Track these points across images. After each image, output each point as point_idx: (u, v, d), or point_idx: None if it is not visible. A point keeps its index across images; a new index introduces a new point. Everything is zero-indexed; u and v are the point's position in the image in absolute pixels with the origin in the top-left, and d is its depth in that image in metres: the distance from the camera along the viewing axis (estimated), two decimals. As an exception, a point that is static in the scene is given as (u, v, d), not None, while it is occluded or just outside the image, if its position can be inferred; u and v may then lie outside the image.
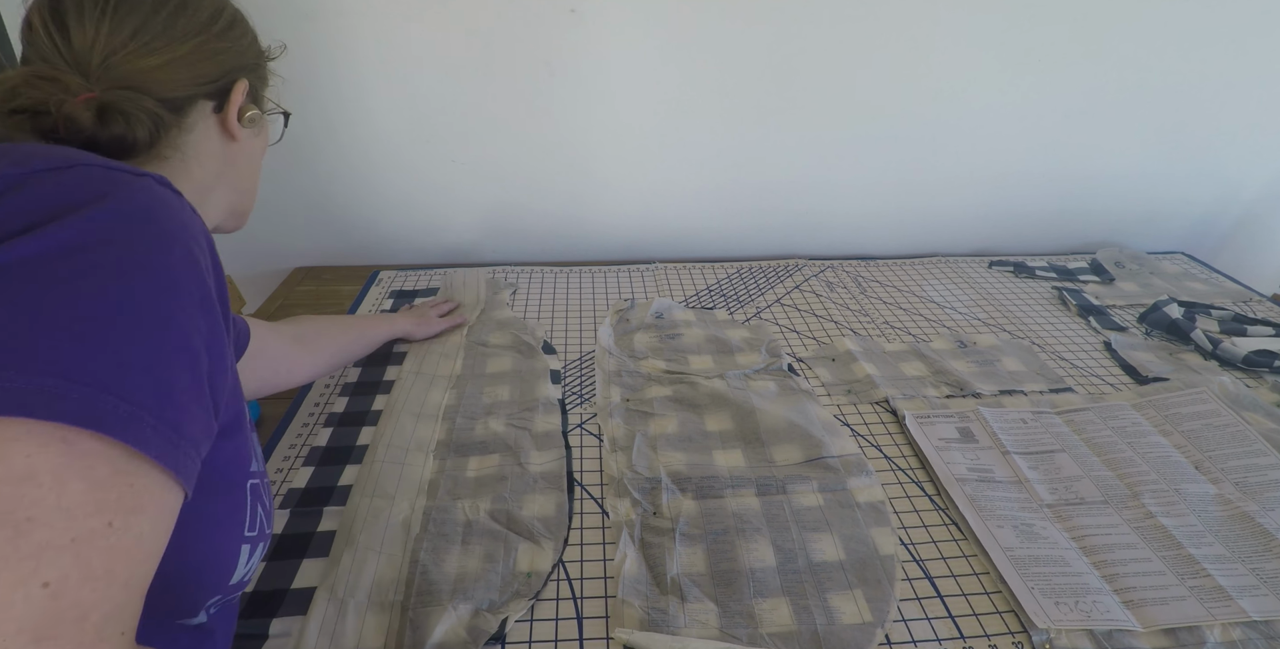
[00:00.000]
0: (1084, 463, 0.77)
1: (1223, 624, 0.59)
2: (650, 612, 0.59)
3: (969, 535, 0.68)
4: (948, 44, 1.12)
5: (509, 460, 0.75)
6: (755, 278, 1.20)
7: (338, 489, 0.72)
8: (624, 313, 1.07)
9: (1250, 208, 1.35)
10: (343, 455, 0.77)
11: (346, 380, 0.90)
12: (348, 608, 0.58)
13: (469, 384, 0.88)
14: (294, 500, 0.70)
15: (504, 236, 1.27)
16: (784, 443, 0.79)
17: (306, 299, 1.13)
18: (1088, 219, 1.34)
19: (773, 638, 0.57)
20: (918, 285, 1.18)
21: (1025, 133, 1.22)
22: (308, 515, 0.68)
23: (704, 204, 1.26)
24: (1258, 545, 0.66)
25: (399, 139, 1.15)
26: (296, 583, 0.61)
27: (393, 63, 1.08)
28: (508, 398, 0.86)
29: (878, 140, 1.21)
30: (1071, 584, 0.62)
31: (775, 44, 1.10)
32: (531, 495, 0.71)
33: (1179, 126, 1.23)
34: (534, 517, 0.68)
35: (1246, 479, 0.74)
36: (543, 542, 0.66)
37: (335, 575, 0.61)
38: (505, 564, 0.63)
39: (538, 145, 1.17)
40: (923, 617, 0.60)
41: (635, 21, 1.07)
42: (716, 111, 1.16)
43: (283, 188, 1.19)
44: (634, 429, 0.81)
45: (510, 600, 0.60)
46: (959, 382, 0.91)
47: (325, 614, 0.57)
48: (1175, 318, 1.03)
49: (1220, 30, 1.14)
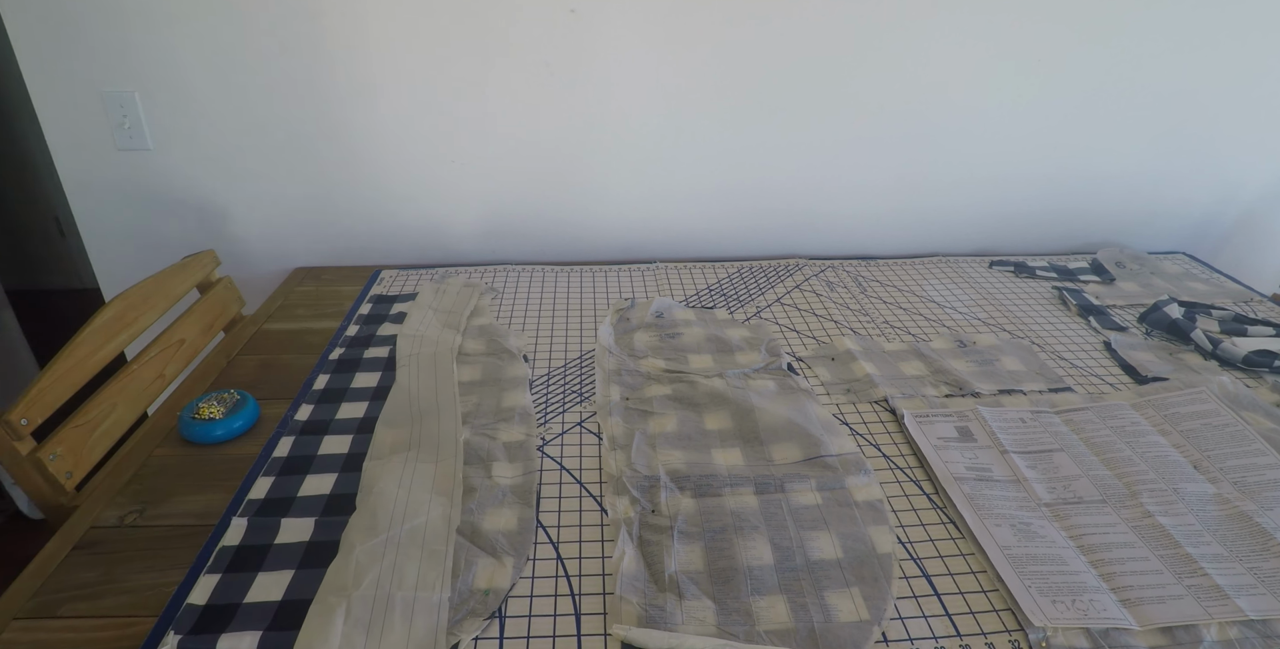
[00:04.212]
0: (1082, 462, 0.77)
1: (1220, 623, 0.59)
2: (648, 609, 0.59)
3: (966, 534, 0.68)
4: (948, 44, 1.12)
5: (478, 471, 0.74)
6: (755, 277, 1.20)
7: (298, 500, 0.70)
8: (624, 312, 1.07)
9: (1250, 208, 1.35)
10: (304, 465, 0.75)
11: (314, 387, 0.88)
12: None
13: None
14: (252, 510, 0.69)
15: (504, 236, 1.27)
16: (783, 442, 0.79)
17: (306, 299, 1.13)
18: (1088, 219, 1.34)
19: (770, 635, 0.58)
20: (918, 285, 1.18)
21: (1026, 133, 1.22)
22: (265, 528, 0.67)
23: (704, 204, 1.26)
24: (1255, 545, 0.66)
25: (399, 139, 1.16)
26: (250, 597, 0.60)
27: (392, 63, 1.09)
28: (477, 407, 0.84)
29: (878, 140, 1.21)
30: (1069, 583, 0.62)
31: (775, 44, 1.10)
32: (498, 509, 0.70)
33: (1179, 126, 1.23)
34: (498, 531, 0.67)
35: (1245, 479, 0.74)
36: (504, 558, 0.64)
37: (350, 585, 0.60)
38: (463, 580, 0.61)
39: (538, 145, 1.18)
40: (920, 615, 0.60)
41: (635, 21, 1.07)
42: (717, 111, 1.16)
43: (283, 188, 1.19)
44: (633, 427, 0.81)
45: (465, 619, 0.58)
46: (958, 381, 0.91)
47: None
48: (1175, 318, 1.03)
49: (1220, 30, 1.14)
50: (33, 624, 0.59)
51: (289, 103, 1.11)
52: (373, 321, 1.04)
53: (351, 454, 0.77)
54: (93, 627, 0.58)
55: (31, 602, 0.61)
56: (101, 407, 0.81)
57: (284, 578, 0.62)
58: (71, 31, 1.03)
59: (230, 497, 0.71)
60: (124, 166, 1.15)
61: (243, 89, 1.09)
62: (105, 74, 1.07)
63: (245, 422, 0.81)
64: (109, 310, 0.86)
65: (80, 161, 1.14)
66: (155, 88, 1.09)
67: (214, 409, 0.80)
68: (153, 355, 0.90)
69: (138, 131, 1.11)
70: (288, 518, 0.68)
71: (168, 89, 1.09)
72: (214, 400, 0.82)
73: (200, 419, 0.79)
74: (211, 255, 1.08)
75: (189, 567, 0.63)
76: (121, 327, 0.87)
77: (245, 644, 0.56)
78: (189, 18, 1.03)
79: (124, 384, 0.85)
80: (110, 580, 0.63)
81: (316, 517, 0.68)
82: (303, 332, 1.03)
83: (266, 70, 1.08)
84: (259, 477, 0.73)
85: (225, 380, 0.92)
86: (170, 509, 0.71)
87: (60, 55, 1.05)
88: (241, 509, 0.69)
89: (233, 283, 1.11)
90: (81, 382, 0.80)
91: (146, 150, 1.13)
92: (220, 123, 1.12)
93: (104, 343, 0.84)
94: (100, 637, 0.58)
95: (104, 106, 1.09)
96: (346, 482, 0.73)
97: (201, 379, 0.93)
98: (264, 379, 0.92)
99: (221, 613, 0.58)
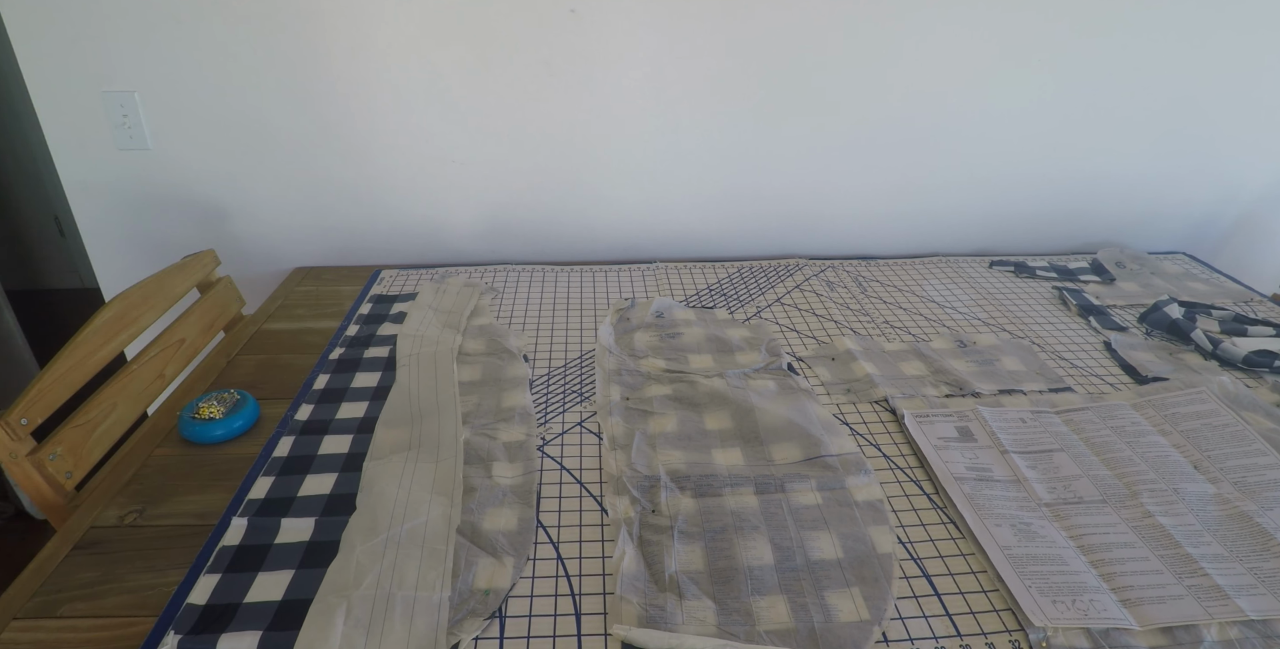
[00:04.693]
0: (1083, 462, 0.77)
1: (1220, 623, 0.59)
2: (648, 609, 0.59)
3: (967, 534, 0.68)
4: (949, 45, 1.12)
5: (478, 471, 0.74)
6: (755, 277, 1.20)
7: (298, 500, 0.70)
8: (624, 312, 1.07)
9: (1250, 208, 1.35)
10: (304, 465, 0.75)
11: (314, 387, 0.88)
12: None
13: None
14: (252, 510, 0.69)
15: (504, 236, 1.27)
16: (783, 441, 0.79)
17: (306, 299, 1.13)
18: (1088, 219, 1.34)
19: (770, 635, 0.58)
20: (918, 285, 1.18)
21: (1026, 133, 1.22)
22: (265, 528, 0.67)
23: (704, 203, 1.26)
24: (1256, 545, 0.66)
25: (399, 139, 1.16)
26: (250, 597, 0.60)
27: (393, 63, 1.09)
28: (477, 407, 0.85)
29: (879, 140, 1.21)
30: (1069, 583, 0.62)
31: (776, 44, 1.10)
32: (498, 509, 0.70)
33: (1179, 127, 1.23)
34: (498, 531, 0.67)
35: (1245, 479, 0.74)
36: (504, 558, 0.64)
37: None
38: (463, 580, 0.62)
39: (538, 145, 1.18)
40: (920, 615, 0.60)
41: (635, 21, 1.07)
42: (717, 111, 1.16)
43: (283, 188, 1.19)
44: (633, 427, 0.81)
45: (465, 619, 0.58)
46: (958, 381, 0.91)
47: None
48: (1175, 318, 1.03)
49: (1221, 31, 1.14)
50: (33, 624, 0.59)
51: (289, 103, 1.11)
52: (373, 321, 1.04)
53: (351, 454, 0.77)
54: (93, 627, 0.58)
55: (31, 602, 0.61)
56: (101, 406, 0.81)
57: (284, 578, 0.62)
58: (71, 31, 1.03)
59: (230, 497, 0.71)
60: (124, 166, 1.15)
61: (243, 89, 1.09)
62: (105, 74, 1.07)
63: (245, 422, 0.81)
64: (109, 310, 0.86)
65: (80, 161, 1.14)
66: (155, 88, 1.09)
67: (214, 409, 0.80)
68: (153, 355, 0.90)
69: (138, 131, 1.11)
70: (288, 518, 0.68)
71: (168, 89, 1.09)
72: (214, 400, 0.82)
73: (200, 419, 0.79)
74: (211, 255, 1.08)
75: (189, 567, 0.63)
76: (121, 326, 0.87)
77: (245, 644, 0.56)
78: (189, 18, 1.03)
79: (124, 384, 0.85)
80: (110, 580, 0.63)
81: (316, 517, 0.68)
82: (303, 331, 1.03)
83: (266, 70, 1.08)
84: (259, 477, 0.73)
85: (225, 380, 0.92)
86: (170, 509, 0.71)
87: (60, 55, 1.05)
88: (241, 509, 0.69)
89: (233, 283, 1.11)
90: (81, 382, 0.80)
91: (146, 150, 1.13)
92: (220, 123, 1.12)
93: (104, 343, 0.84)
94: (100, 637, 0.58)
95: (104, 106, 1.09)
96: (346, 482, 0.73)
97: (201, 379, 0.93)
98: (264, 379, 0.92)
99: (221, 613, 0.58)
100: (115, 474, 0.75)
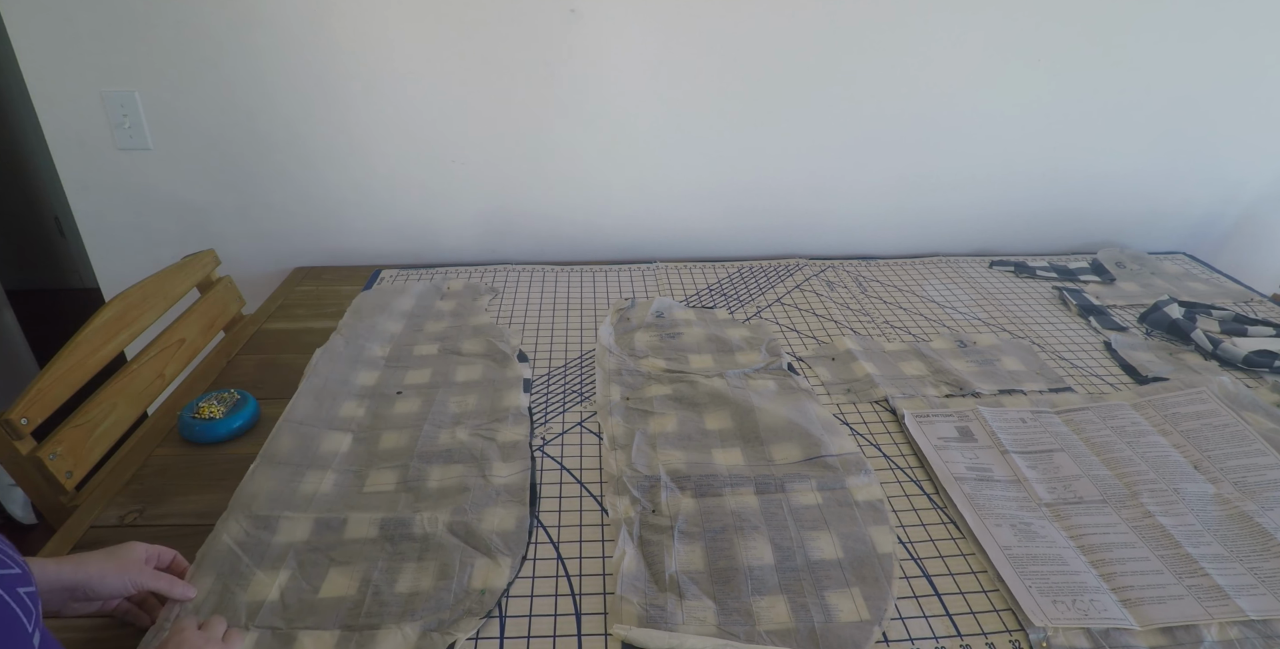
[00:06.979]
0: (1083, 462, 0.77)
1: (1220, 623, 0.59)
2: (649, 608, 0.59)
3: (967, 534, 0.68)
4: (949, 45, 1.12)
5: (472, 471, 0.74)
6: (756, 277, 1.20)
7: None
8: (625, 312, 1.07)
9: (1250, 208, 1.35)
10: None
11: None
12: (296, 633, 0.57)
13: (439, 392, 0.87)
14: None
15: (504, 236, 1.27)
16: (783, 441, 0.79)
17: (306, 299, 1.13)
18: (1088, 219, 1.34)
19: (770, 635, 0.57)
20: (918, 285, 1.18)
21: (1026, 133, 1.22)
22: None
23: (704, 203, 1.26)
24: (1256, 545, 0.66)
25: (399, 139, 1.16)
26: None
27: (393, 63, 1.09)
28: (475, 407, 0.84)
29: (879, 140, 1.21)
30: (1069, 583, 0.62)
31: (776, 44, 1.10)
32: (493, 508, 0.69)
33: (1179, 127, 1.23)
34: (493, 531, 0.67)
35: (1245, 479, 0.74)
36: (500, 558, 0.64)
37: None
38: (459, 581, 0.62)
39: (538, 145, 1.18)
40: (920, 615, 0.60)
41: (635, 21, 1.07)
42: (717, 111, 1.16)
43: (283, 188, 1.19)
44: (634, 427, 0.81)
45: (460, 619, 0.58)
46: (958, 381, 0.91)
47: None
48: (1175, 318, 1.03)
49: (1221, 31, 1.14)
50: (33, 624, 0.59)
51: (289, 103, 1.11)
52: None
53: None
54: (93, 626, 0.58)
55: (31, 602, 0.60)
56: (101, 406, 0.81)
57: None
58: (71, 31, 1.03)
59: (230, 496, 0.71)
60: (124, 166, 1.15)
61: (243, 89, 1.09)
62: (105, 74, 1.07)
63: (245, 421, 0.81)
64: (109, 310, 0.86)
65: (80, 161, 1.14)
66: (155, 88, 1.09)
67: (214, 409, 0.80)
68: (153, 355, 0.90)
69: (138, 131, 1.11)
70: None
71: (168, 89, 1.09)
72: (214, 400, 0.81)
73: (200, 419, 0.79)
74: (211, 255, 1.08)
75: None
76: (121, 326, 0.87)
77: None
78: (189, 18, 1.03)
79: (124, 384, 0.85)
80: (110, 580, 0.62)
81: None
82: (302, 331, 1.03)
83: (266, 70, 1.08)
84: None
85: (225, 380, 0.92)
86: (170, 509, 0.71)
87: (60, 55, 1.05)
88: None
89: (233, 283, 1.11)
90: (81, 381, 0.80)
91: (146, 150, 1.13)
92: (221, 123, 1.12)
93: (104, 343, 0.84)
94: (100, 636, 0.58)
95: (104, 106, 1.09)
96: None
97: (201, 379, 0.93)
98: (264, 379, 0.92)
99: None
100: (115, 474, 0.75)
